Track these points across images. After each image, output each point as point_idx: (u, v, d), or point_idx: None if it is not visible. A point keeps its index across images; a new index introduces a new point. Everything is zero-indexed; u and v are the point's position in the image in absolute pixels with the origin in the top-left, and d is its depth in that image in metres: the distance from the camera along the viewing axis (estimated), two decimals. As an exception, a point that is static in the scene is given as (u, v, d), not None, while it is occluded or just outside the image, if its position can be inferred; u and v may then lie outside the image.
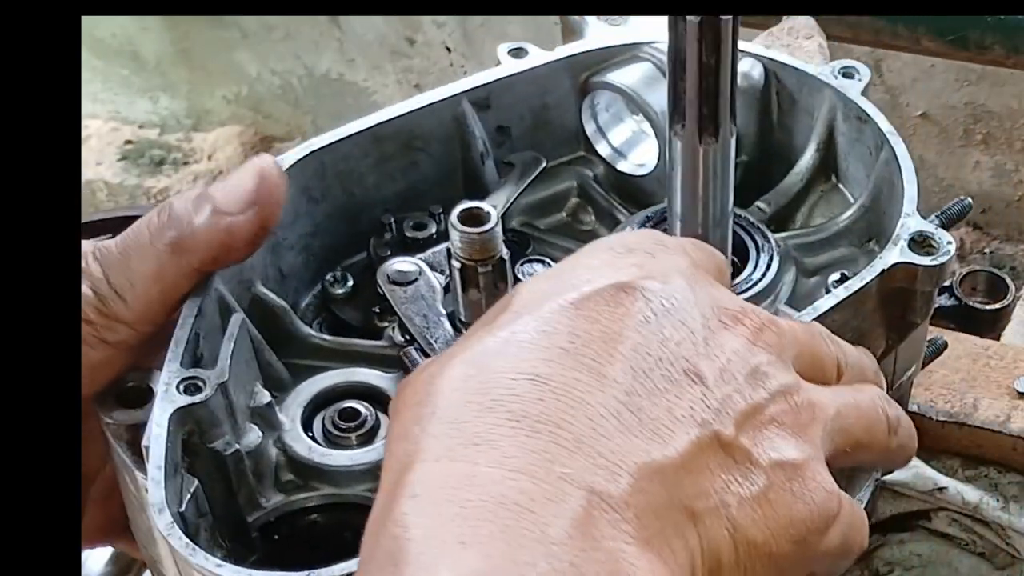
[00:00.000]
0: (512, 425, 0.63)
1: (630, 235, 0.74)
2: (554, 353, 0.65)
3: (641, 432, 0.64)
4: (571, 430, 0.63)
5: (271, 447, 0.87)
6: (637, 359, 0.66)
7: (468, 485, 0.61)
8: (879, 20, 1.70)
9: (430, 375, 0.67)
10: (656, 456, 0.63)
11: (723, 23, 0.83)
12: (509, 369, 0.65)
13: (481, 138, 1.02)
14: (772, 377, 0.70)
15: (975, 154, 2.55)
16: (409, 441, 0.65)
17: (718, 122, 0.87)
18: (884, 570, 1.15)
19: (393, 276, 0.93)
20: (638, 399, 0.65)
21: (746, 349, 0.69)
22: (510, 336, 0.66)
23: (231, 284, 0.90)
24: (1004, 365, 1.11)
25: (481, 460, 0.62)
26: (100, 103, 3.25)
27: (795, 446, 0.69)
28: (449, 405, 0.65)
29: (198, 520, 0.81)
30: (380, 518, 0.62)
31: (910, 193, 0.92)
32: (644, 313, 0.67)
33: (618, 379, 0.65)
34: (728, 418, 0.67)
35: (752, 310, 0.71)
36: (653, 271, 0.70)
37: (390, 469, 0.65)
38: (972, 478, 1.09)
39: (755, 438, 0.68)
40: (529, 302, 0.68)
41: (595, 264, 0.70)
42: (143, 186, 3.12)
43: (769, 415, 0.69)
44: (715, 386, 0.67)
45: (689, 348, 0.67)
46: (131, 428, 0.81)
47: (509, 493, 0.60)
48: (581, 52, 1.05)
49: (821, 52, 1.32)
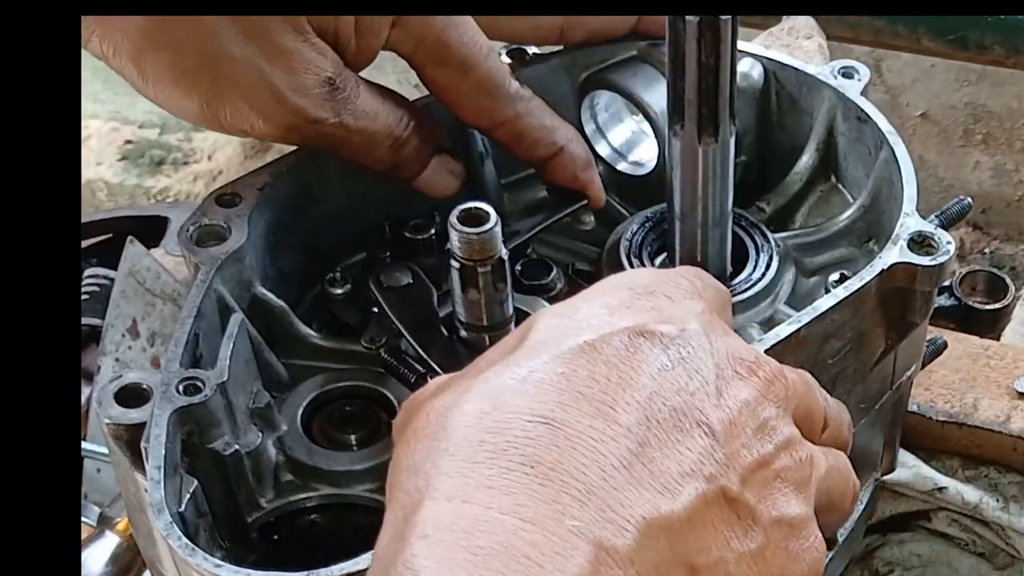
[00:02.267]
0: (525, 471, 0.62)
1: (648, 275, 0.74)
2: (571, 397, 0.65)
3: (651, 485, 0.64)
4: (583, 480, 0.63)
5: (270, 447, 0.87)
6: (652, 408, 0.66)
7: (480, 531, 0.60)
8: (879, 20, 1.70)
9: (444, 407, 0.66)
10: (664, 511, 0.63)
11: (723, 23, 0.83)
12: (525, 410, 0.64)
13: (481, 138, 1.02)
14: (778, 431, 0.70)
15: (975, 154, 2.55)
16: (420, 476, 0.64)
17: (718, 122, 0.87)
18: (884, 570, 1.15)
19: (386, 281, 0.94)
20: (650, 450, 0.65)
21: (756, 402, 0.69)
22: (528, 375, 0.66)
23: (231, 284, 0.90)
24: (1004, 365, 1.11)
25: (494, 505, 0.61)
26: (100, 103, 3.25)
27: (796, 503, 0.69)
28: (463, 443, 0.64)
29: (197, 520, 0.81)
30: (390, 557, 0.62)
31: (909, 193, 0.92)
32: (661, 360, 0.67)
33: (632, 428, 0.65)
34: (735, 473, 0.66)
35: (765, 360, 0.71)
36: (671, 316, 0.70)
37: (399, 503, 0.64)
38: (972, 478, 1.09)
39: (759, 494, 0.68)
40: (547, 339, 0.68)
41: (613, 304, 0.70)
42: (143, 186, 3.12)
43: (774, 470, 0.69)
44: (724, 439, 0.67)
45: (702, 398, 0.67)
46: (131, 428, 0.81)
47: (519, 544, 0.60)
48: (580, 52, 1.05)
49: (821, 52, 1.32)
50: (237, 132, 0.90)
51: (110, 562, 1.25)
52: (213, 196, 0.93)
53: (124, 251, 1.15)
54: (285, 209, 0.96)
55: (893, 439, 1.04)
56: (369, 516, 0.86)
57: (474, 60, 0.94)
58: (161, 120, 3.28)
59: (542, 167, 1.00)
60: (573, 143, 1.00)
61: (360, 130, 0.92)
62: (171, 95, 0.88)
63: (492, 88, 0.95)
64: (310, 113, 0.89)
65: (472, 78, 0.94)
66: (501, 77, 0.96)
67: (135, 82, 0.88)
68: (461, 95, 0.95)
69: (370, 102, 0.92)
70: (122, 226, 1.57)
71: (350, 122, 0.91)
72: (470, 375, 0.69)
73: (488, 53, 0.95)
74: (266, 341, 0.91)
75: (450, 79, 0.94)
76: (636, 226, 0.99)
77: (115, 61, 0.87)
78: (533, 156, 0.99)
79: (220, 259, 0.89)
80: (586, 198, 1.01)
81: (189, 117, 0.89)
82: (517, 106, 0.97)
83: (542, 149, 0.99)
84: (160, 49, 0.86)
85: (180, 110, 0.89)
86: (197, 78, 0.87)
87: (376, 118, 0.93)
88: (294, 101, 0.88)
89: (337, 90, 0.90)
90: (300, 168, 0.97)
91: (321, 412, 0.91)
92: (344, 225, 1.00)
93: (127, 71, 0.88)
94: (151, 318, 1.16)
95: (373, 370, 0.92)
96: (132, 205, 3.05)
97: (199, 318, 0.85)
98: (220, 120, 0.89)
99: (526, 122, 0.97)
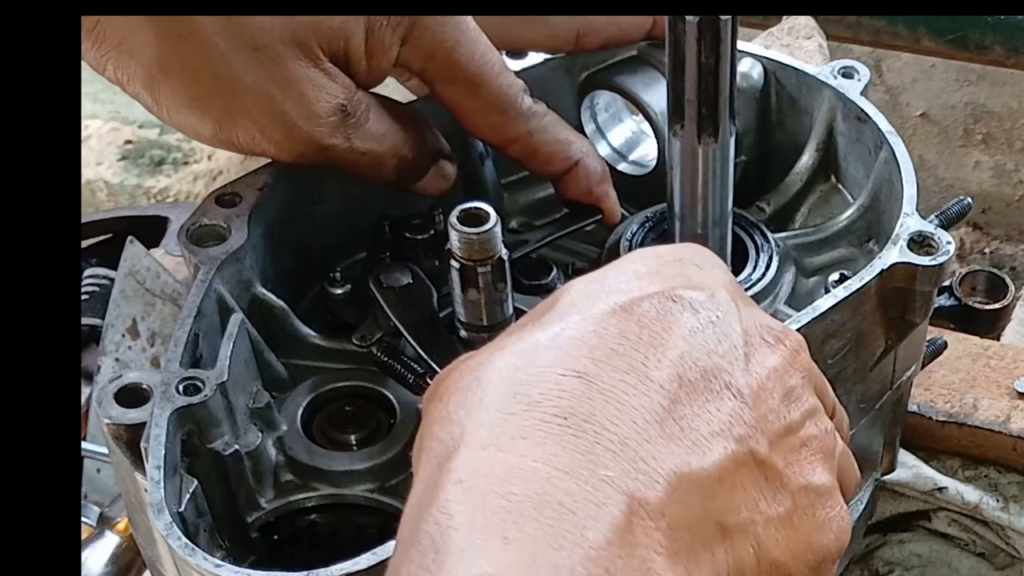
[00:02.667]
0: (559, 423, 0.63)
1: (677, 246, 0.75)
2: (603, 353, 0.65)
3: (682, 441, 0.64)
4: (616, 432, 0.63)
5: (270, 447, 0.87)
6: (683, 367, 0.66)
7: (514, 478, 0.61)
8: (879, 20, 1.70)
9: (477, 363, 0.67)
10: (695, 466, 0.64)
11: (722, 23, 0.83)
12: (558, 365, 0.65)
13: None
14: (804, 400, 0.70)
15: (975, 154, 2.55)
16: (455, 425, 0.64)
17: (717, 122, 0.87)
18: (884, 570, 1.15)
19: (386, 281, 0.94)
20: (680, 407, 0.65)
21: (783, 369, 0.70)
22: (560, 332, 0.66)
23: (231, 284, 0.90)
24: (1004, 365, 1.11)
25: (528, 454, 0.62)
26: (100, 103, 3.25)
27: (822, 471, 0.70)
28: (496, 394, 0.64)
29: (197, 520, 0.81)
30: (423, 502, 0.62)
31: (909, 193, 0.92)
32: (691, 323, 0.68)
33: (664, 385, 0.65)
34: (764, 436, 0.67)
35: (790, 331, 0.72)
36: (701, 283, 0.70)
37: (432, 451, 0.65)
38: (972, 478, 1.09)
39: (787, 459, 0.68)
40: (577, 302, 0.69)
41: (643, 271, 0.70)
42: (143, 186, 3.12)
43: (800, 438, 0.69)
44: (753, 403, 0.67)
45: (731, 362, 0.68)
46: (130, 428, 0.81)
47: (553, 492, 0.60)
48: (581, 52, 1.05)
49: (821, 52, 1.32)
50: (251, 154, 0.91)
51: (110, 562, 1.25)
52: (213, 196, 0.93)
53: (124, 251, 1.15)
54: (285, 209, 0.96)
55: (893, 439, 1.04)
56: (369, 516, 0.86)
57: (485, 78, 0.94)
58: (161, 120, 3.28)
59: (557, 182, 1.00)
60: (588, 157, 0.99)
61: (368, 152, 0.93)
62: (185, 120, 0.89)
63: (503, 106, 0.95)
64: (321, 141, 0.90)
65: (482, 96, 0.94)
66: (513, 94, 0.95)
67: (150, 108, 0.90)
68: (472, 112, 0.95)
69: (379, 124, 0.93)
70: (122, 226, 1.57)
71: (359, 146, 0.92)
72: (502, 339, 0.69)
73: (500, 71, 0.94)
74: (266, 341, 0.91)
75: (461, 97, 0.94)
76: (636, 226, 0.99)
77: (130, 88, 0.89)
78: (547, 171, 0.99)
79: (220, 259, 0.89)
80: (600, 212, 1.01)
81: (204, 139, 0.90)
82: (530, 123, 0.96)
83: (556, 164, 0.98)
84: (173, 76, 0.87)
85: (195, 133, 0.90)
86: (210, 104, 0.88)
87: (384, 140, 0.93)
88: (305, 129, 0.89)
89: (348, 116, 0.90)
90: (300, 168, 0.97)
91: (321, 412, 0.91)
92: (344, 225, 1.00)
93: (142, 97, 0.89)
94: (151, 318, 1.16)
95: (373, 370, 0.92)
96: (132, 205, 3.05)
97: (199, 318, 0.85)
98: (234, 143, 0.90)
99: (539, 138, 0.97)
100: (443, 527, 0.60)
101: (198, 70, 0.87)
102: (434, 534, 0.60)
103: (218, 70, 0.87)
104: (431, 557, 0.59)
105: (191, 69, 0.87)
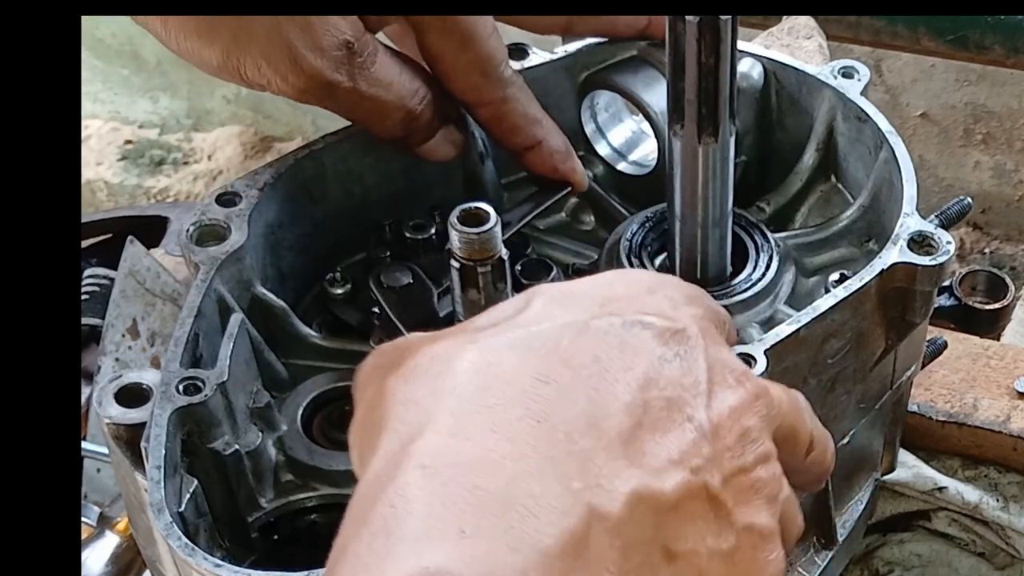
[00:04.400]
0: (532, 424, 0.62)
1: (659, 277, 0.75)
2: (577, 366, 0.65)
3: (643, 463, 0.64)
4: (585, 444, 0.63)
5: (270, 447, 0.87)
6: (649, 394, 0.66)
7: (481, 471, 0.60)
8: (879, 20, 1.70)
9: (447, 353, 0.66)
10: (654, 490, 0.64)
11: (722, 23, 0.83)
12: (531, 368, 0.65)
13: (481, 138, 1.02)
14: (759, 443, 0.70)
15: (975, 154, 2.55)
16: (421, 409, 0.64)
17: (717, 122, 0.87)
18: (884, 570, 1.15)
19: (386, 281, 0.94)
20: (644, 432, 0.65)
21: (743, 410, 0.70)
22: (534, 335, 0.66)
23: (231, 284, 0.90)
24: (1004, 365, 1.11)
25: (497, 449, 0.61)
26: (100, 103, 3.25)
27: (767, 515, 0.70)
28: (469, 386, 0.64)
29: (197, 520, 0.81)
30: (381, 480, 0.61)
31: (909, 193, 0.92)
32: (660, 352, 0.68)
33: (630, 407, 0.65)
34: (718, 472, 0.67)
35: (752, 376, 0.72)
36: (674, 317, 0.70)
37: (395, 433, 0.63)
38: (972, 478, 1.09)
39: (736, 498, 0.68)
40: (552, 310, 0.68)
41: (621, 293, 0.71)
42: (143, 186, 3.12)
43: (751, 479, 0.69)
44: (711, 438, 0.67)
45: (694, 395, 0.68)
46: (130, 428, 0.81)
47: (519, 493, 0.60)
48: (580, 52, 1.05)
49: (821, 52, 1.32)
50: (257, 87, 0.91)
51: (110, 562, 1.25)
52: (213, 196, 0.93)
53: (124, 251, 1.15)
54: (285, 209, 0.96)
55: (893, 439, 1.04)
56: (369, 516, 0.86)
57: (477, 36, 0.94)
58: (161, 120, 3.28)
59: (520, 156, 1.01)
60: (552, 137, 1.00)
61: (373, 97, 0.92)
62: (193, 46, 0.89)
63: (487, 67, 0.96)
64: (325, 75, 0.90)
65: (471, 52, 0.95)
66: (498, 59, 0.96)
67: (159, 34, 0.89)
68: (456, 67, 0.95)
69: (387, 71, 0.93)
70: (122, 226, 1.57)
71: (364, 88, 0.92)
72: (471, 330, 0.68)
73: (492, 33, 0.95)
74: (266, 341, 0.91)
75: (449, 50, 0.94)
76: (636, 226, 0.99)
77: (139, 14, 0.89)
78: (511, 143, 1.00)
79: (220, 259, 0.89)
80: (570, 185, 1.01)
81: (211, 69, 0.90)
82: (506, 90, 0.97)
83: (520, 138, 0.99)
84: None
85: (202, 61, 0.90)
86: (218, 30, 0.88)
87: (390, 88, 0.93)
88: (310, 61, 0.89)
89: (354, 55, 0.90)
90: (300, 168, 0.97)
91: (321, 412, 0.91)
92: (344, 225, 1.00)
93: (150, 23, 0.89)
94: (151, 318, 1.16)
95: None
96: (132, 205, 3.05)
97: (199, 318, 0.85)
98: (240, 73, 0.89)
99: (511, 107, 0.98)
100: (399, 511, 0.59)
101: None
102: (388, 517, 0.59)
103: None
104: (382, 540, 0.58)
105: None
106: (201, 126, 3.27)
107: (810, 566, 0.99)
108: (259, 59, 0.89)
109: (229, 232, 0.91)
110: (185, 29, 0.88)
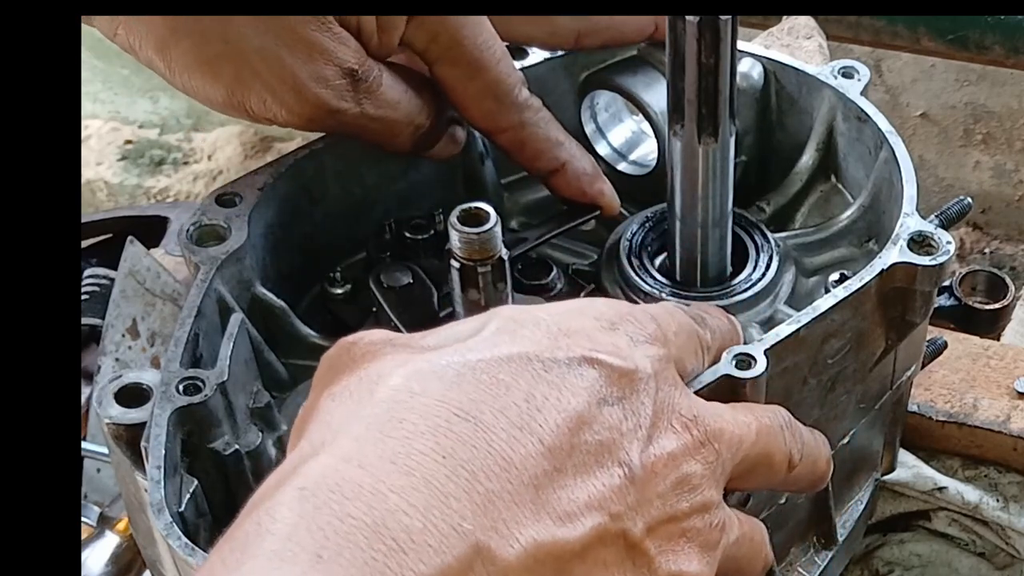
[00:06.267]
0: (435, 459, 0.62)
1: (616, 310, 0.74)
2: (505, 403, 0.65)
3: (553, 511, 0.63)
4: (488, 486, 0.62)
5: (270, 447, 0.87)
6: (579, 437, 0.66)
7: (360, 500, 0.59)
8: (879, 20, 1.70)
9: (378, 374, 0.66)
10: (559, 538, 0.63)
11: (722, 23, 0.83)
12: (454, 402, 0.64)
13: (480, 139, 1.02)
14: (698, 491, 0.70)
15: (975, 154, 2.54)
16: (330, 430, 0.64)
17: (717, 122, 0.87)
18: (884, 570, 1.15)
19: (386, 281, 0.94)
20: (563, 476, 0.64)
21: (682, 456, 0.69)
22: (468, 368, 0.66)
23: (231, 284, 0.90)
24: (1004, 365, 1.11)
25: (386, 481, 0.60)
26: (100, 103, 3.25)
27: (697, 563, 0.69)
28: (383, 415, 0.64)
29: (197, 520, 0.81)
30: (262, 494, 0.62)
31: (909, 193, 0.92)
32: (603, 393, 0.67)
33: (553, 451, 0.64)
34: (642, 519, 0.66)
35: (703, 422, 0.71)
36: (627, 356, 0.70)
37: (299, 451, 0.64)
38: (972, 478, 1.09)
39: (661, 547, 0.68)
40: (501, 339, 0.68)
41: (575, 328, 0.70)
42: (143, 186, 3.12)
43: (682, 528, 0.69)
44: (641, 483, 0.67)
45: (631, 439, 0.67)
46: (130, 428, 0.81)
47: (393, 526, 0.59)
48: (581, 52, 1.05)
49: (821, 52, 1.32)
50: (264, 121, 0.91)
51: (110, 562, 1.25)
52: (213, 196, 0.93)
53: (124, 251, 1.15)
54: (285, 209, 0.96)
55: (893, 439, 1.04)
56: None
57: (485, 63, 0.94)
58: (161, 120, 3.28)
59: (545, 180, 1.00)
60: (577, 159, 0.99)
61: (381, 119, 0.93)
62: (197, 84, 0.89)
63: (500, 93, 0.95)
64: (331, 104, 0.90)
65: (481, 80, 0.94)
66: (511, 84, 0.95)
67: (163, 73, 0.89)
68: (468, 96, 0.95)
69: (393, 92, 0.93)
70: (122, 226, 1.56)
71: (371, 111, 0.92)
72: (417, 347, 0.68)
73: (501, 58, 0.95)
74: (266, 341, 0.91)
75: (459, 79, 0.94)
76: (636, 226, 0.99)
77: (142, 54, 0.89)
78: (534, 167, 0.99)
79: (220, 259, 0.89)
80: (599, 208, 1.01)
81: (217, 105, 0.90)
82: (523, 115, 0.96)
83: (544, 162, 0.98)
84: (183, 39, 0.87)
85: (207, 99, 0.90)
86: (221, 67, 0.88)
87: (398, 107, 0.93)
88: (315, 92, 0.89)
89: (359, 81, 0.90)
90: (300, 168, 0.97)
91: (321, 412, 0.91)
92: (344, 225, 1.00)
93: (154, 63, 0.89)
94: (151, 318, 1.16)
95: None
96: (132, 205, 3.05)
97: (199, 318, 0.85)
98: (246, 109, 0.90)
99: (530, 132, 0.97)
100: (262, 528, 0.59)
101: (208, 32, 0.87)
102: (251, 533, 0.59)
103: (226, 32, 0.87)
104: (236, 555, 0.58)
105: (200, 31, 0.87)
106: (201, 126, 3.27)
107: (810, 566, 0.99)
108: (264, 94, 0.89)
109: (229, 232, 0.91)
110: (189, 67, 0.88)
